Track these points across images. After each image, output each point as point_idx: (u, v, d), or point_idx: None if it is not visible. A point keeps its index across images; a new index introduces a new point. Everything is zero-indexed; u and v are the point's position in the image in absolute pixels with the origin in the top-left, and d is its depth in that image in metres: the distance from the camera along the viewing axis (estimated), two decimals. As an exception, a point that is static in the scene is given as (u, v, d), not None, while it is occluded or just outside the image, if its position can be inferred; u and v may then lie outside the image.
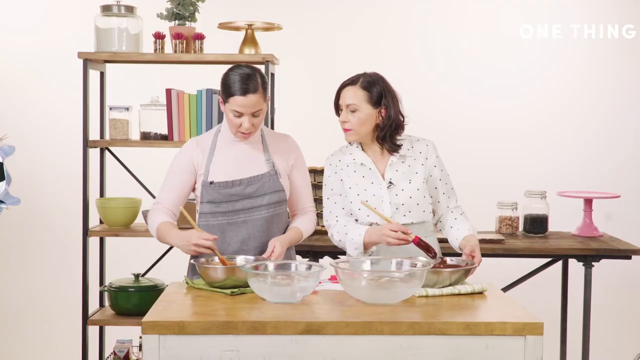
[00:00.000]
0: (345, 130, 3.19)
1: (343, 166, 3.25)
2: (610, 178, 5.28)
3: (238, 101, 3.07)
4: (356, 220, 3.23)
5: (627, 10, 5.29)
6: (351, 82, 3.20)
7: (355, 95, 3.16)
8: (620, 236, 4.50)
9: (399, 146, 3.21)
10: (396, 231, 2.99)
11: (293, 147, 3.33)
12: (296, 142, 3.36)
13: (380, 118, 3.18)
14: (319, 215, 4.29)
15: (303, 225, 3.30)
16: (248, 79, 3.08)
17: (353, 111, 3.15)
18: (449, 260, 3.08)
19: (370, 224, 3.19)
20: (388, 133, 3.18)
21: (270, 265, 2.93)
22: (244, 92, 3.07)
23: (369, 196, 3.19)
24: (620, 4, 5.34)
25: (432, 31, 5.34)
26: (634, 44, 5.28)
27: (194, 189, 3.26)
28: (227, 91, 3.09)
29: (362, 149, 3.25)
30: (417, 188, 3.20)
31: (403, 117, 3.22)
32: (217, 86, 3.90)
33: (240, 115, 3.09)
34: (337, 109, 3.22)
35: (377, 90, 3.17)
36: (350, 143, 3.27)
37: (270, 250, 3.11)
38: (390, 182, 3.20)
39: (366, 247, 3.13)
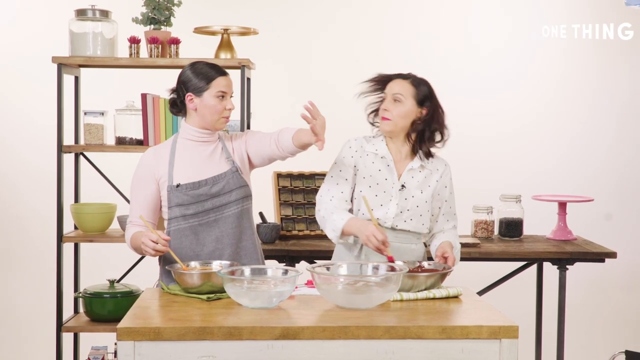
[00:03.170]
0: (384, 119, 3.22)
1: (363, 153, 3.27)
2: (584, 183, 5.33)
3: (222, 82, 3.17)
4: (350, 209, 3.25)
5: (603, 13, 5.35)
6: (402, 76, 3.27)
7: (403, 88, 3.22)
8: (594, 239, 4.54)
9: (432, 154, 3.27)
10: (381, 240, 3.00)
11: (244, 133, 3.34)
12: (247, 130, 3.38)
13: (420, 119, 3.22)
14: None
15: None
16: (215, 64, 3.22)
17: (397, 101, 3.20)
18: (426, 264, 3.09)
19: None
20: (427, 136, 3.23)
21: (247, 271, 2.92)
22: (223, 72, 3.19)
23: (379, 191, 3.21)
24: (593, 5, 5.40)
25: (406, 35, 5.37)
26: (611, 48, 5.33)
27: None
28: (205, 77, 3.15)
29: (386, 145, 3.27)
30: (426, 200, 3.24)
31: (444, 128, 3.26)
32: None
33: (224, 96, 3.17)
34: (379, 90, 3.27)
35: (424, 90, 3.24)
36: (374, 135, 3.31)
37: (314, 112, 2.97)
38: (403, 186, 3.22)
39: (343, 233, 3.14)
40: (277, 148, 3.19)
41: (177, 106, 3.23)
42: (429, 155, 3.26)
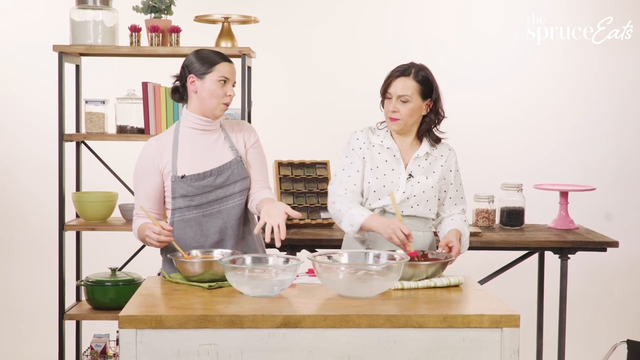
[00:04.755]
0: (393, 119, 3.22)
1: (369, 145, 3.28)
2: (586, 172, 5.32)
3: (224, 67, 3.16)
4: (361, 202, 3.25)
5: (602, 11, 5.33)
6: (403, 72, 3.22)
7: (407, 87, 3.19)
8: (595, 229, 4.54)
9: (440, 139, 3.30)
10: (406, 235, 3.00)
11: (251, 130, 3.34)
12: (252, 126, 3.38)
13: (427, 110, 3.24)
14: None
15: (274, 198, 3.22)
16: (219, 51, 3.24)
17: (405, 102, 3.19)
18: (429, 253, 3.09)
19: (373, 209, 3.22)
20: (432, 126, 3.26)
21: (248, 259, 2.92)
22: (227, 59, 3.19)
23: (387, 181, 3.22)
24: (594, 5, 5.39)
25: (408, 24, 5.35)
26: (610, 43, 5.31)
27: None
28: (209, 62, 3.15)
29: (391, 135, 3.28)
30: (432, 186, 3.26)
31: (443, 112, 3.28)
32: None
33: (225, 81, 3.15)
34: (384, 96, 3.26)
35: (428, 82, 3.23)
36: (378, 127, 3.31)
37: (274, 229, 2.96)
38: (410, 175, 3.24)
39: (362, 229, 3.14)
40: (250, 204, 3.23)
41: (179, 92, 3.23)
42: (437, 141, 3.28)
